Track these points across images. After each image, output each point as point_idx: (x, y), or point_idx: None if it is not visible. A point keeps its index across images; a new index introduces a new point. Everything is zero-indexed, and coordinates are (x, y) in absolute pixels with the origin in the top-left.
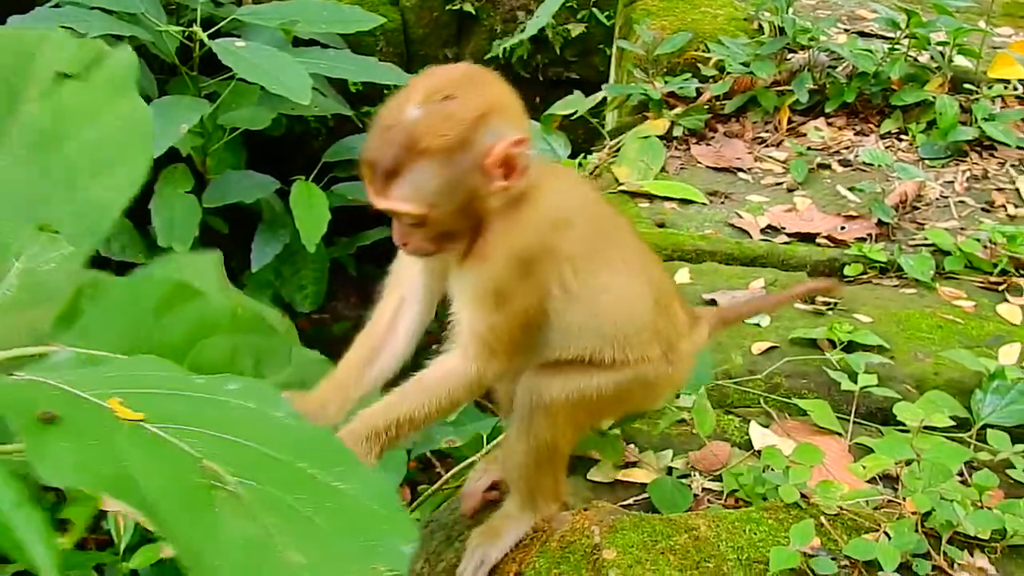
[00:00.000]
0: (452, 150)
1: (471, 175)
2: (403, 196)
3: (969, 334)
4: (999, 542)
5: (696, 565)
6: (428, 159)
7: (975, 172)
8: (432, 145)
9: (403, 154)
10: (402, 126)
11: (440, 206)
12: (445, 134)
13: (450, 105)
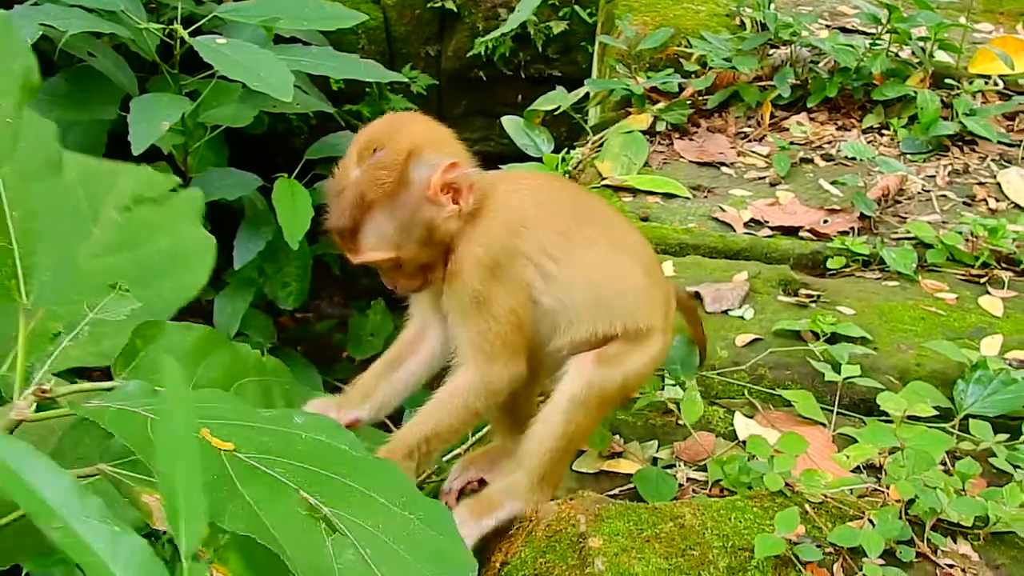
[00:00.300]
0: (394, 194)
1: (421, 209)
2: (371, 247)
3: (951, 326)
4: (982, 529)
5: (682, 552)
6: (378, 209)
7: (956, 166)
8: (376, 196)
9: (356, 212)
10: (348, 188)
11: (405, 245)
12: (384, 182)
13: (380, 156)
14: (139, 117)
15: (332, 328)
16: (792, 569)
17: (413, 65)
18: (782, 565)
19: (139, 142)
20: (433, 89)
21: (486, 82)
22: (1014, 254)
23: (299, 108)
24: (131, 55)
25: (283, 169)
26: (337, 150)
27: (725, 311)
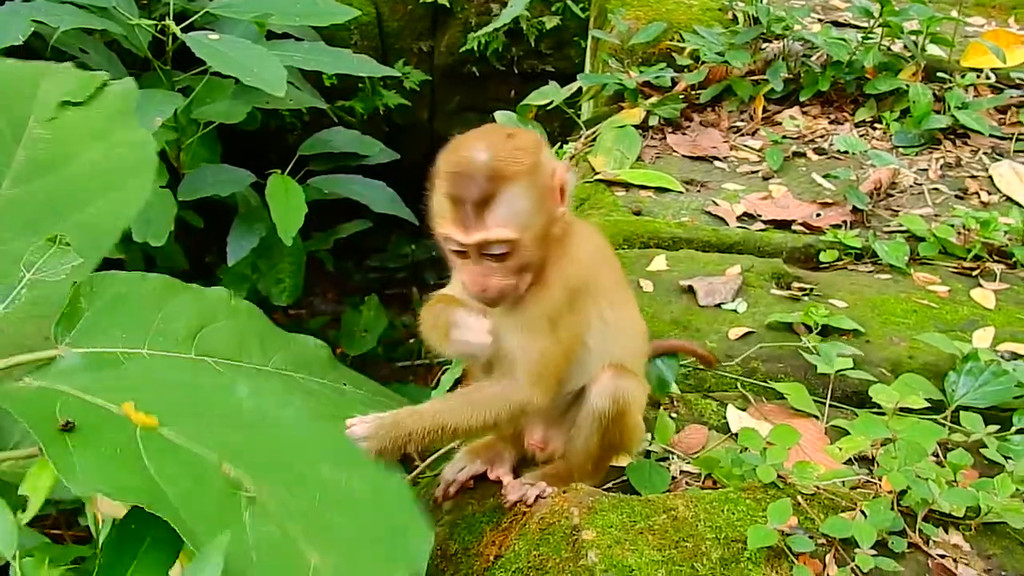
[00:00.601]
0: (532, 173)
1: (547, 196)
2: (500, 222)
3: (943, 318)
4: (973, 519)
5: (675, 544)
6: (517, 184)
7: (948, 160)
8: (518, 171)
9: (493, 184)
10: (481, 164)
11: (531, 228)
12: (523, 161)
13: (514, 140)
14: None
15: (325, 325)
16: (785, 560)
17: (406, 61)
18: (775, 556)
19: None
20: (426, 85)
21: (479, 77)
22: (1006, 247)
23: (292, 104)
24: (123, 51)
25: (277, 165)
26: (330, 146)
27: (718, 305)
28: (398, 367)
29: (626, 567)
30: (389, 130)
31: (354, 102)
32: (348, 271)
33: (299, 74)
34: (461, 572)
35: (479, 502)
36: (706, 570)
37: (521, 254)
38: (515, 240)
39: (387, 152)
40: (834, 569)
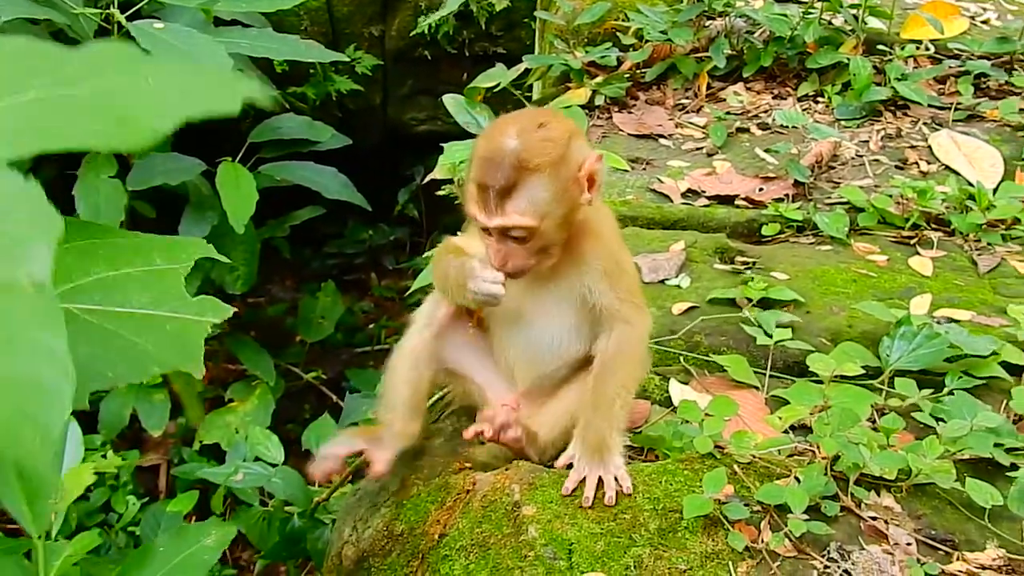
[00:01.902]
0: (556, 165)
1: (571, 187)
2: (519, 210)
3: (882, 287)
4: (904, 481)
5: (613, 517)
6: (539, 175)
7: (889, 131)
8: (542, 163)
9: (516, 174)
10: (508, 153)
11: (550, 216)
12: (549, 153)
13: (544, 131)
14: None
15: (284, 312)
16: (721, 528)
17: (357, 46)
18: (711, 525)
19: None
20: (378, 69)
21: (431, 61)
22: (943, 215)
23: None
24: (68, 41)
25: (229, 153)
26: (281, 132)
27: (662, 281)
28: (357, 353)
29: (565, 540)
30: (342, 115)
31: (306, 88)
32: (306, 258)
33: (249, 61)
34: (407, 551)
35: (424, 483)
36: (644, 540)
37: (540, 239)
38: (533, 227)
39: (339, 137)
40: (768, 535)
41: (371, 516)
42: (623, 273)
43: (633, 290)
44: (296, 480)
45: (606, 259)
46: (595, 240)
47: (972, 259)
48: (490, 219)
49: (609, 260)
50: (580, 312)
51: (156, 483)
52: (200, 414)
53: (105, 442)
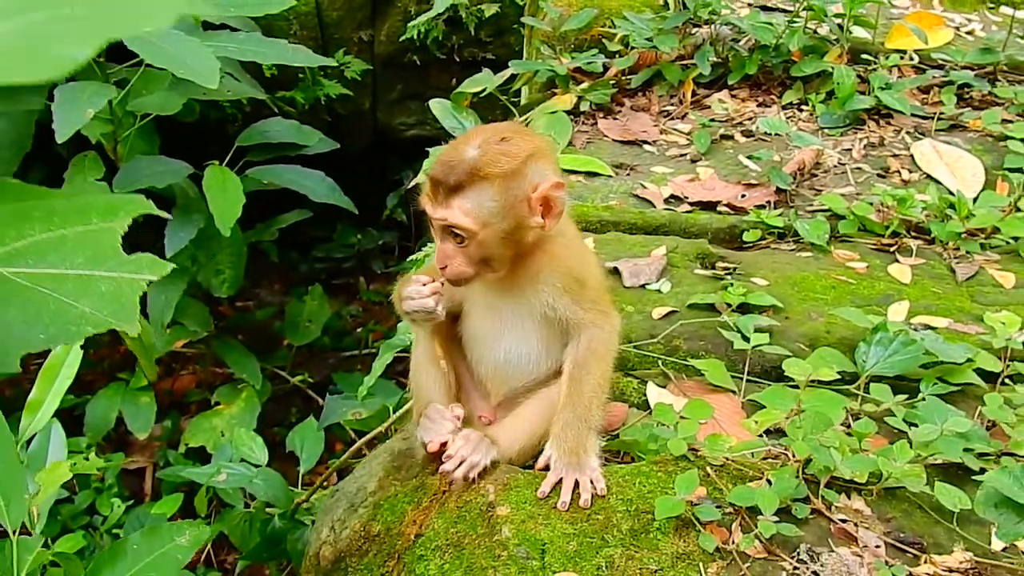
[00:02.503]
0: (508, 178)
1: (519, 205)
2: (463, 210)
3: (861, 294)
4: (875, 484)
5: (587, 517)
6: (488, 183)
7: (872, 139)
8: (492, 172)
9: (467, 177)
10: (465, 158)
11: (491, 226)
12: (503, 165)
13: (504, 145)
14: (63, 105)
15: (271, 316)
16: (692, 530)
17: (347, 50)
18: (683, 526)
19: (63, 130)
20: (368, 74)
21: (420, 66)
22: (923, 223)
23: (230, 95)
24: None
25: (217, 157)
26: (268, 136)
27: (643, 285)
28: (344, 357)
29: (538, 540)
30: (331, 120)
31: (295, 92)
32: (294, 262)
33: (238, 65)
34: (383, 551)
35: (402, 483)
36: (616, 541)
37: (481, 247)
38: (473, 231)
39: (327, 142)
40: (739, 536)
41: (349, 517)
42: (583, 287)
43: (597, 298)
44: (278, 481)
45: (563, 278)
46: (552, 261)
47: (951, 267)
48: (435, 211)
49: (567, 278)
50: (545, 328)
51: (141, 486)
52: (153, 370)
53: (90, 444)
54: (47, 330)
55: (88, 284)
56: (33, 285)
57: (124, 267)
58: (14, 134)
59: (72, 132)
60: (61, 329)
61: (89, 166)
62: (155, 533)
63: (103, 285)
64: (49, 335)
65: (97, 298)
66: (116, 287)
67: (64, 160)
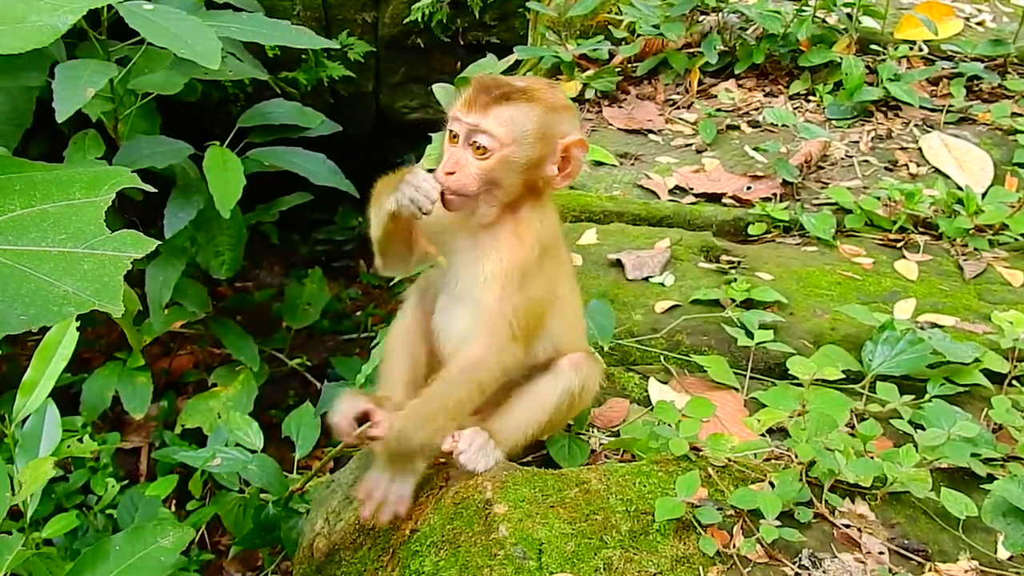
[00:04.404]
0: (549, 111)
1: (549, 143)
2: (501, 119)
3: (867, 290)
4: (879, 489)
5: (585, 518)
6: (533, 104)
7: (880, 132)
8: (540, 98)
9: (515, 93)
10: (515, 81)
11: (520, 145)
12: (548, 98)
13: (552, 89)
14: (64, 84)
15: (270, 298)
16: (693, 532)
17: (350, 32)
18: (683, 528)
19: (63, 108)
20: (371, 56)
21: (424, 49)
22: (931, 218)
23: (231, 75)
24: None
25: (219, 137)
26: (270, 118)
27: (646, 278)
28: (343, 340)
29: (535, 540)
30: (334, 101)
31: (297, 73)
32: (294, 244)
33: (241, 45)
34: (378, 546)
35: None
36: (615, 542)
37: (498, 163)
38: (503, 142)
39: (329, 124)
40: (740, 540)
41: (343, 509)
42: (522, 289)
43: (520, 313)
44: (273, 468)
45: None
46: (516, 238)
47: (958, 264)
48: (468, 115)
49: (516, 265)
50: None
51: (137, 465)
52: (138, 341)
53: (86, 424)
54: (27, 311)
55: (70, 262)
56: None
57: (107, 244)
58: (13, 110)
59: (73, 111)
60: (42, 310)
61: (89, 144)
62: (138, 535)
63: (86, 263)
64: (29, 316)
65: (80, 277)
66: (99, 265)
67: (64, 137)
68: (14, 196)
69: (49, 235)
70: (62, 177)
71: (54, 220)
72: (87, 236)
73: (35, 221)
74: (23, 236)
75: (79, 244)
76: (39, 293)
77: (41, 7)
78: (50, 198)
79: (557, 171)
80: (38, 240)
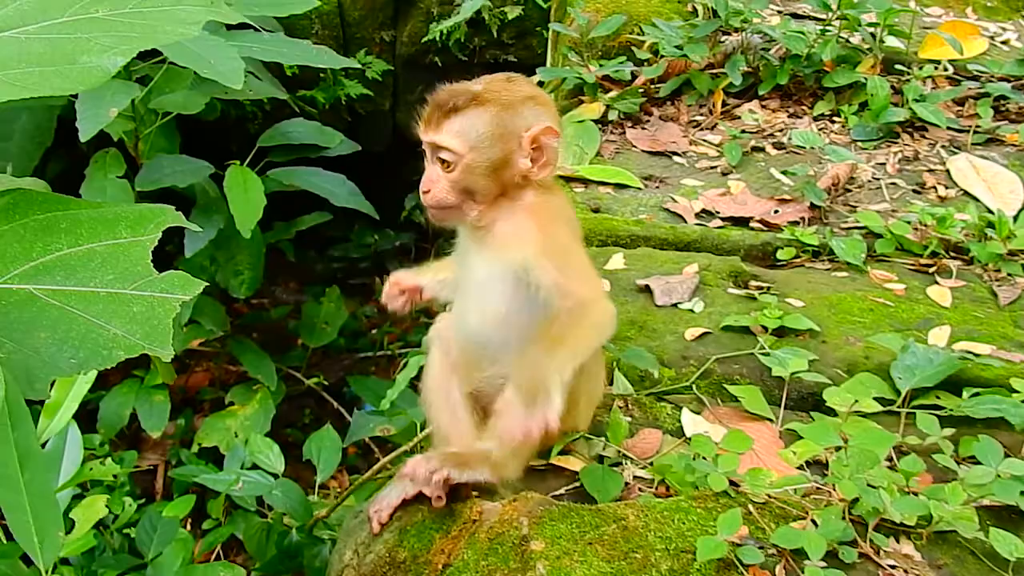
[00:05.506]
0: (502, 108)
1: (510, 139)
2: (453, 131)
3: (899, 317)
4: (925, 528)
5: (624, 556)
6: (483, 109)
7: (906, 153)
8: (488, 99)
9: (465, 100)
10: (467, 88)
11: (479, 151)
12: (501, 96)
13: (508, 83)
14: (87, 103)
15: (286, 315)
16: (735, 572)
17: (368, 50)
18: (725, 568)
19: (87, 128)
20: (389, 74)
21: (442, 68)
22: (962, 243)
23: (252, 95)
24: None
25: (238, 156)
26: (290, 137)
27: (675, 304)
28: (359, 358)
29: None
30: (351, 120)
31: (315, 92)
32: (310, 261)
33: (259, 64)
34: None
35: (429, 508)
36: None
37: (464, 172)
38: (459, 153)
39: (348, 144)
40: None
41: (373, 541)
42: (569, 255)
43: (587, 277)
44: (297, 493)
45: (544, 237)
46: (534, 219)
47: (992, 290)
48: (425, 133)
49: (549, 239)
50: (518, 297)
51: (153, 483)
52: (171, 374)
53: (103, 442)
54: (77, 354)
55: (119, 304)
56: (62, 304)
57: (156, 285)
58: (35, 129)
59: (96, 131)
60: (92, 352)
61: (110, 163)
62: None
63: (135, 305)
64: (79, 359)
65: (129, 319)
66: (148, 307)
67: (83, 155)
68: (60, 235)
69: (97, 275)
70: (107, 215)
71: (101, 260)
72: (134, 276)
73: (83, 261)
74: (71, 276)
75: (127, 284)
76: (88, 336)
77: (91, 48)
78: (96, 237)
79: (531, 163)
80: (86, 280)
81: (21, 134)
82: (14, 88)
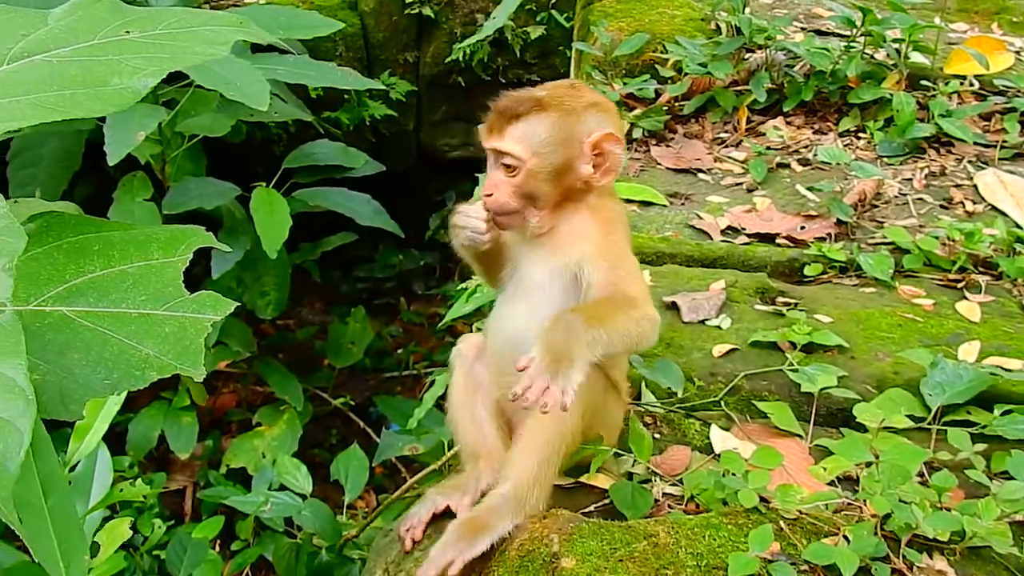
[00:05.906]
0: (565, 114)
1: (572, 145)
2: (516, 138)
3: (928, 332)
4: (958, 544)
5: (655, 572)
6: (545, 114)
7: (933, 169)
8: (552, 105)
9: (528, 106)
10: (530, 94)
11: (541, 156)
12: (565, 102)
13: (571, 90)
14: (115, 127)
15: (312, 335)
16: None
17: (392, 71)
18: None
19: (115, 152)
20: (412, 95)
21: (465, 88)
22: (991, 258)
23: (277, 117)
24: None
25: (263, 177)
26: (315, 158)
27: (702, 321)
28: (385, 378)
29: None
30: (375, 140)
31: (340, 113)
32: (335, 281)
33: (284, 86)
34: None
35: None
36: None
37: (528, 178)
38: (522, 158)
39: (373, 164)
40: None
41: (403, 560)
42: (625, 259)
43: (639, 279)
44: (326, 514)
45: (602, 239)
46: (592, 218)
47: (1021, 305)
48: (488, 140)
49: (606, 241)
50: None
51: (182, 505)
52: (203, 395)
53: (132, 464)
54: (110, 375)
55: (151, 324)
56: (95, 326)
57: (187, 306)
58: (64, 152)
59: (124, 154)
60: (125, 374)
61: (138, 186)
62: None
63: (167, 325)
64: (112, 381)
65: (161, 340)
66: (180, 328)
67: (110, 178)
68: (93, 257)
69: (129, 296)
70: (139, 237)
71: (133, 281)
72: (166, 297)
73: (115, 282)
74: (103, 298)
75: (158, 305)
76: (121, 357)
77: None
78: (128, 258)
79: (593, 169)
80: (118, 301)
81: (49, 159)
82: (47, 111)
